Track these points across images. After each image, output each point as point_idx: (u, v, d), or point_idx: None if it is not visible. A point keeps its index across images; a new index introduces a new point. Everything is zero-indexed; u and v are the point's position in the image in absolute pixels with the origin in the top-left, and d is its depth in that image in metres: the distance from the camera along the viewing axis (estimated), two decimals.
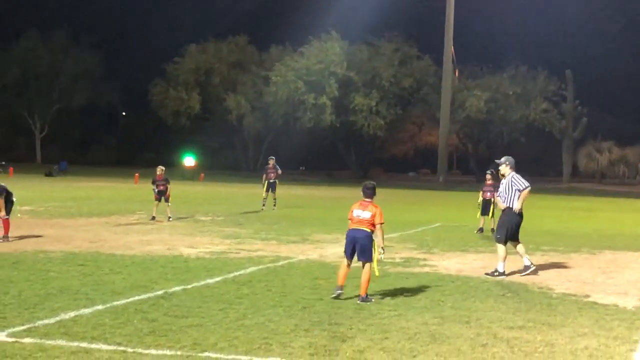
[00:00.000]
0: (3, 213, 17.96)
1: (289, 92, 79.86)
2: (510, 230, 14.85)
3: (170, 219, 25.01)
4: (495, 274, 14.58)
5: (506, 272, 14.66)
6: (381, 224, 11.52)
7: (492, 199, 23.93)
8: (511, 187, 14.84)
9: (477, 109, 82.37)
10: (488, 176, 24.73)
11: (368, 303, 11.30)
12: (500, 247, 14.76)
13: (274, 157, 32.89)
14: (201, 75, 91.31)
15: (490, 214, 23.86)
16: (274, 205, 31.58)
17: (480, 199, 24.50)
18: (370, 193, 11.79)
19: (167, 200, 25.63)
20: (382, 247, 11.52)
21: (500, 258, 14.72)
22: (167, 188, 25.70)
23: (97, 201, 33.90)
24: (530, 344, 9.27)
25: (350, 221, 11.75)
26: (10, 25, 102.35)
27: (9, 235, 18.00)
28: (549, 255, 18.34)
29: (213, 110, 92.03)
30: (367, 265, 11.51)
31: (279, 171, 31.93)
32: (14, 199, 18.79)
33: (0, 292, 11.35)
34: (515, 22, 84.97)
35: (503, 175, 15.13)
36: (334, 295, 11.61)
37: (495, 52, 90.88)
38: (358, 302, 11.34)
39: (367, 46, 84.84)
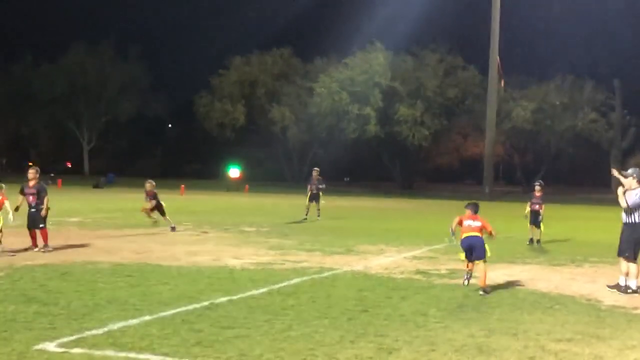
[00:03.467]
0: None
1: (333, 103, 79.88)
2: (636, 245, 14.22)
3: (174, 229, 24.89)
4: (629, 291, 14.09)
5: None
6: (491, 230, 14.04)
7: (540, 211, 23.81)
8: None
9: (523, 119, 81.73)
10: (537, 187, 24.42)
11: (487, 295, 13.40)
12: (632, 264, 14.17)
13: (318, 169, 33.00)
14: (246, 87, 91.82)
15: (540, 226, 23.70)
16: (318, 215, 31.69)
17: (528, 209, 24.27)
18: (476, 209, 14.23)
19: (163, 214, 25.19)
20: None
21: (632, 275, 14.16)
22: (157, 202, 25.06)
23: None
24: (578, 356, 9.17)
25: (461, 229, 14.03)
26: (58, 38, 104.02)
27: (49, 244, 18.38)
28: (597, 266, 18.11)
29: (258, 121, 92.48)
30: (482, 262, 13.75)
31: (322, 186, 32.02)
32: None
33: (49, 303, 11.50)
34: (561, 32, 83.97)
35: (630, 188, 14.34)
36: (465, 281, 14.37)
37: (542, 61, 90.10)
38: (480, 293, 13.48)
39: (411, 57, 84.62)
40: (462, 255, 14.09)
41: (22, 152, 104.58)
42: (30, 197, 18.56)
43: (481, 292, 13.43)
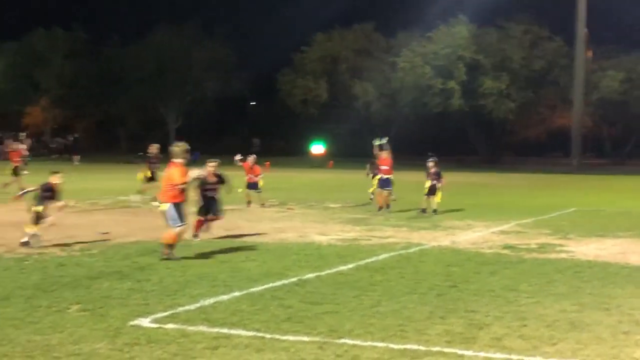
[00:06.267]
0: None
1: (416, 77, 79.31)
2: None
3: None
4: None
5: None
6: None
7: (438, 185, 24.02)
8: None
9: (611, 90, 79.82)
10: (431, 164, 24.47)
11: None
12: None
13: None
14: (328, 63, 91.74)
15: (437, 197, 24.11)
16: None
17: (428, 184, 24.25)
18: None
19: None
20: None
21: None
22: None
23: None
24: None
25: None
26: (144, 19, 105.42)
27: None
28: None
29: (340, 97, 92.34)
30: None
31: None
32: None
33: (142, 280, 11.75)
34: None
35: None
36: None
37: (630, 30, 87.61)
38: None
39: (495, 29, 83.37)
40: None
41: (110, 132, 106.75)
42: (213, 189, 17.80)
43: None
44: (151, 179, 27.00)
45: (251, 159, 26.69)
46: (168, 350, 7.91)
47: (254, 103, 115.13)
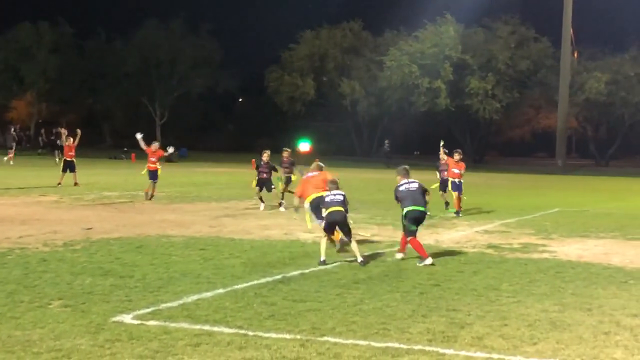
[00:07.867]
0: None
1: (403, 76, 79.36)
2: None
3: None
4: None
5: None
6: None
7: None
8: None
9: (596, 91, 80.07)
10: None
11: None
12: None
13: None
14: (316, 61, 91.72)
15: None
16: None
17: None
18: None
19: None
20: None
21: None
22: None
23: (216, 186, 34.55)
24: None
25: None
26: (130, 14, 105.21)
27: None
28: None
29: (328, 95, 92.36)
30: None
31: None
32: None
33: (125, 276, 11.74)
34: (637, 1, 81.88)
35: None
36: None
37: (616, 32, 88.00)
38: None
39: (482, 29, 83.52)
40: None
41: (95, 127, 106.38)
42: None
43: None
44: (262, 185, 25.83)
45: (156, 144, 27.17)
46: (149, 347, 7.91)
47: (241, 100, 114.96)
